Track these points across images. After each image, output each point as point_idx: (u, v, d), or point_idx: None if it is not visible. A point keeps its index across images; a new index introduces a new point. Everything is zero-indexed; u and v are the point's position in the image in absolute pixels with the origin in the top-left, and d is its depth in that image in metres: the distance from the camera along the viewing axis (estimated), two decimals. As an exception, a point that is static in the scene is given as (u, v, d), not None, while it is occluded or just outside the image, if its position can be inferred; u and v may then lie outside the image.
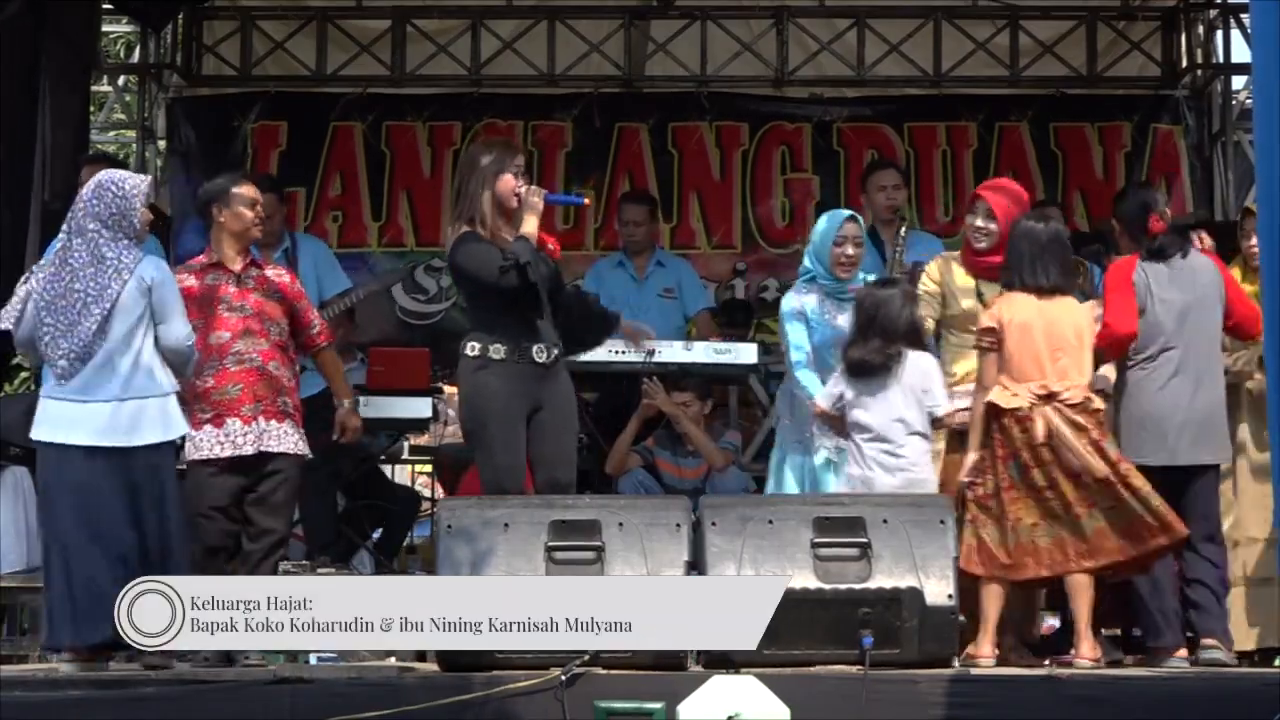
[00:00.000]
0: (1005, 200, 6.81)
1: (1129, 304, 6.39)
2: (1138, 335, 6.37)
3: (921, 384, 6.44)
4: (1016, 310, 6.30)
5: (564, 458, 6.40)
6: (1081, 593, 6.12)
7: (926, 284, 6.86)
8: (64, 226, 6.11)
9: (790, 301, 6.92)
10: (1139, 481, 6.10)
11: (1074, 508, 6.11)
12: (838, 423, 6.53)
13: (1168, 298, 6.39)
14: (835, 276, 6.79)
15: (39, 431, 5.98)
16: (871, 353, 6.42)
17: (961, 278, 6.82)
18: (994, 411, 6.20)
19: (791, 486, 6.77)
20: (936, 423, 6.48)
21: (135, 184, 6.10)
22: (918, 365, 6.47)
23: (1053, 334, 6.25)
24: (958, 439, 6.54)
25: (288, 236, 8.22)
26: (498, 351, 6.32)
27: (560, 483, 6.31)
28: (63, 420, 5.93)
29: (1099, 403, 6.22)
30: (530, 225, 6.35)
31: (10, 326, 6.05)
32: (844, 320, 6.69)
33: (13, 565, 7.50)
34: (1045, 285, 6.30)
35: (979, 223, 6.75)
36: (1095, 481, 6.10)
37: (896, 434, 6.39)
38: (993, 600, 6.15)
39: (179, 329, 6.08)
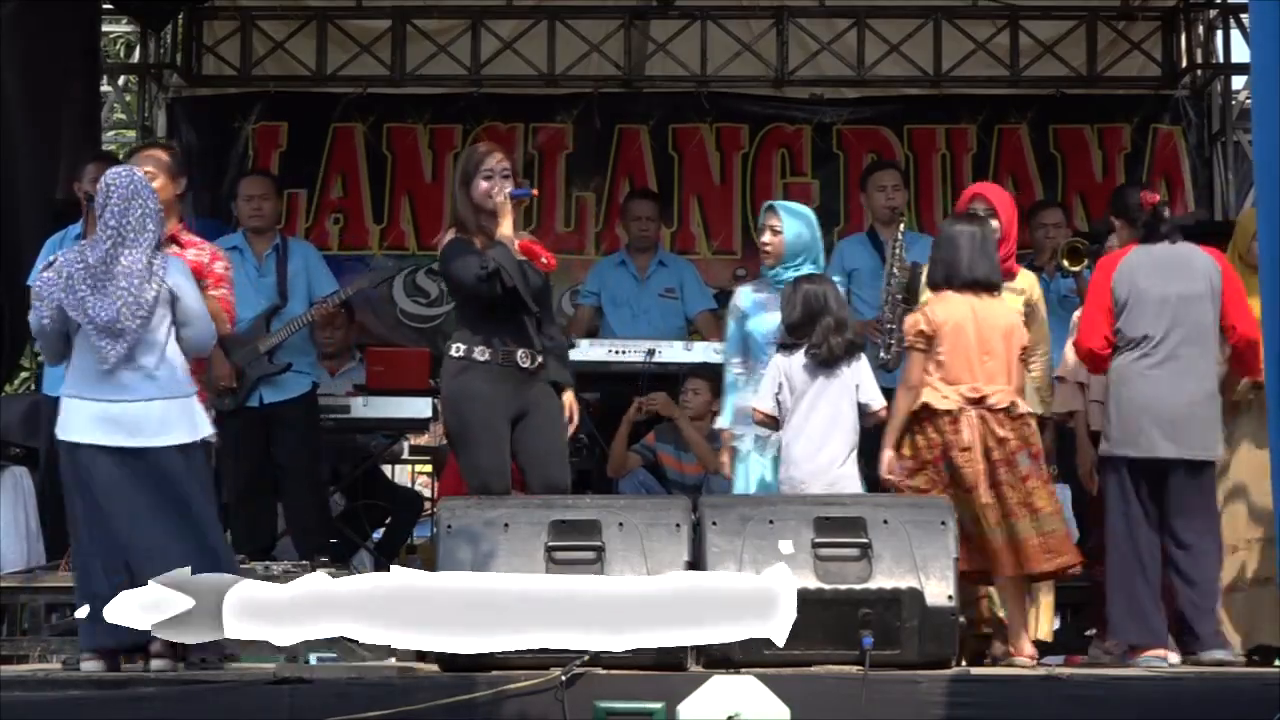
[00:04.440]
0: (1006, 198, 6.82)
1: (1100, 315, 6.37)
2: (1122, 328, 6.31)
3: (854, 379, 6.42)
4: (951, 311, 6.30)
5: (555, 455, 6.32)
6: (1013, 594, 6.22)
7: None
8: (97, 227, 6.02)
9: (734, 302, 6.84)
10: (1015, 509, 6.13)
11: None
12: (775, 422, 6.47)
13: (1153, 287, 6.32)
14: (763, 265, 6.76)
15: (63, 431, 5.86)
16: (831, 337, 6.35)
17: None
18: (928, 412, 6.22)
19: (741, 486, 6.65)
20: (869, 418, 6.43)
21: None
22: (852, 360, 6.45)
23: (983, 336, 6.27)
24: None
25: (279, 237, 8.21)
26: (482, 354, 6.25)
27: (554, 479, 6.25)
28: (87, 420, 5.81)
29: (1024, 407, 6.23)
30: (505, 227, 6.28)
31: (36, 326, 5.96)
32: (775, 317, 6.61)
33: (13, 565, 7.49)
34: (983, 281, 6.31)
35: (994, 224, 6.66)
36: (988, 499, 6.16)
37: (830, 430, 6.36)
38: (1009, 597, 6.21)
39: (200, 329, 5.97)
